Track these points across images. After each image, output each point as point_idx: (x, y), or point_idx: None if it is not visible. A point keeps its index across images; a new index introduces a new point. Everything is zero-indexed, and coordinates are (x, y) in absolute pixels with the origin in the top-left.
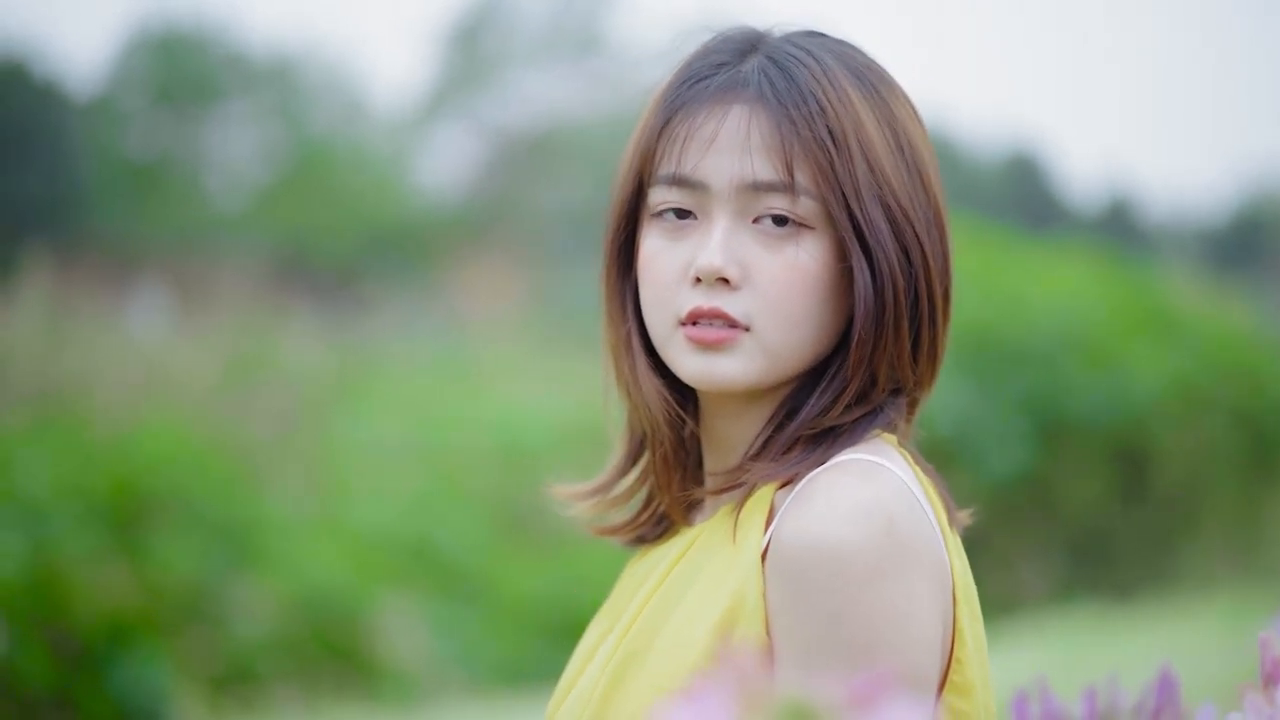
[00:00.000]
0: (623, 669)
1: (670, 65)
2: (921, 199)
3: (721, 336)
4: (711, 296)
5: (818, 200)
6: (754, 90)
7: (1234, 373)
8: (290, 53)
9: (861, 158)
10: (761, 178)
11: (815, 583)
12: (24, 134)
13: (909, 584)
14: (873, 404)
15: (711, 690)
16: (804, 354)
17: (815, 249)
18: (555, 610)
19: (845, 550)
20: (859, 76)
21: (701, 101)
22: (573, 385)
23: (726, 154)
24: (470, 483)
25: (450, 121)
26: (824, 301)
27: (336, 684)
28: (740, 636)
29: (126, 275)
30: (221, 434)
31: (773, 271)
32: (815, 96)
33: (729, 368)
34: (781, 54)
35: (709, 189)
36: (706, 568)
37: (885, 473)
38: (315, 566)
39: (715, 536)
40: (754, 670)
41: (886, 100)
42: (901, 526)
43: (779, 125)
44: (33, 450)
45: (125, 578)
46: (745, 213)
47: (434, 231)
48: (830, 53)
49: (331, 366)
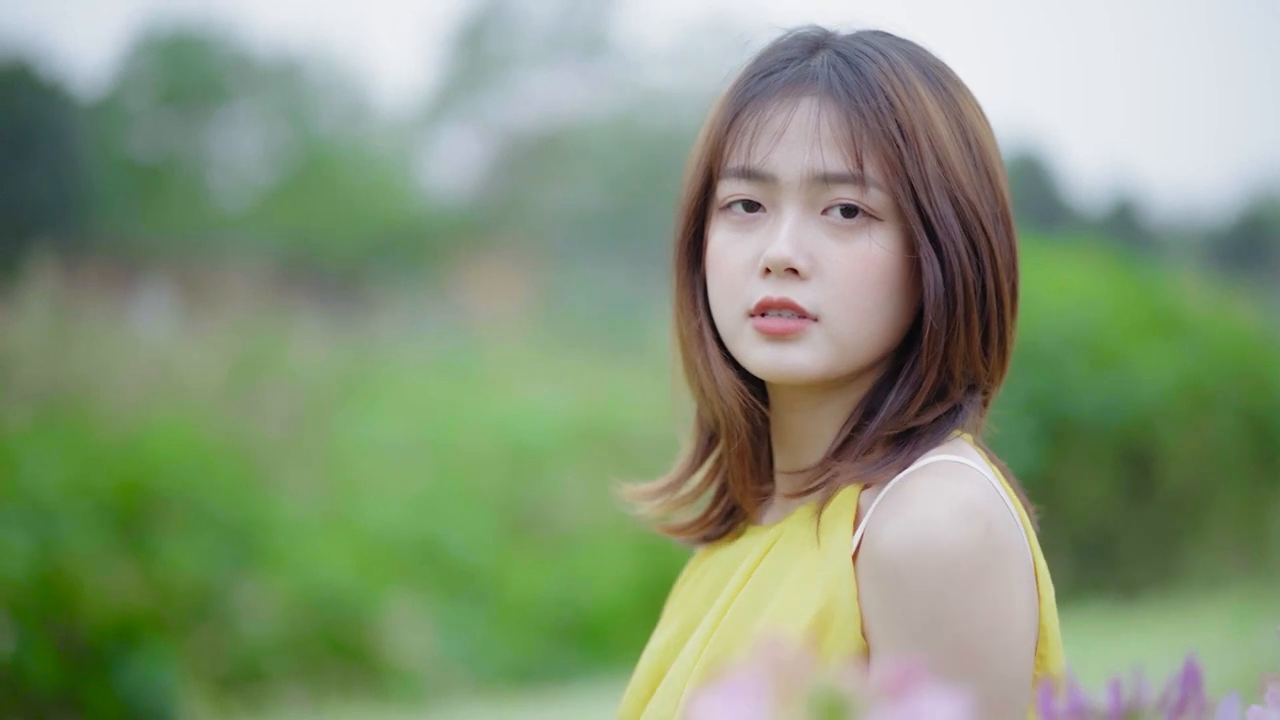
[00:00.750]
0: (710, 671)
1: (740, 62)
2: (989, 194)
3: (790, 327)
4: (780, 287)
5: (886, 192)
6: (823, 83)
7: (1240, 373)
8: (295, 53)
9: (930, 152)
10: (831, 169)
11: (918, 586)
12: (29, 135)
13: (1008, 584)
14: (951, 401)
15: (747, 681)
16: (873, 345)
17: (884, 240)
18: (561, 610)
19: (951, 553)
20: (927, 74)
21: (770, 95)
22: (578, 386)
23: (796, 146)
24: (476, 483)
25: (455, 122)
26: (893, 293)
27: (343, 684)
28: (835, 640)
29: (132, 276)
30: (227, 434)
31: (842, 262)
32: (884, 91)
33: (798, 358)
34: (850, 50)
35: (778, 181)
36: (791, 570)
37: (974, 473)
38: (322, 566)
39: (797, 538)
40: (789, 661)
41: (954, 98)
42: (997, 527)
43: (848, 117)
44: (40, 450)
45: (132, 577)
46: (814, 204)
47: (439, 232)
48: (899, 50)
49: (337, 367)
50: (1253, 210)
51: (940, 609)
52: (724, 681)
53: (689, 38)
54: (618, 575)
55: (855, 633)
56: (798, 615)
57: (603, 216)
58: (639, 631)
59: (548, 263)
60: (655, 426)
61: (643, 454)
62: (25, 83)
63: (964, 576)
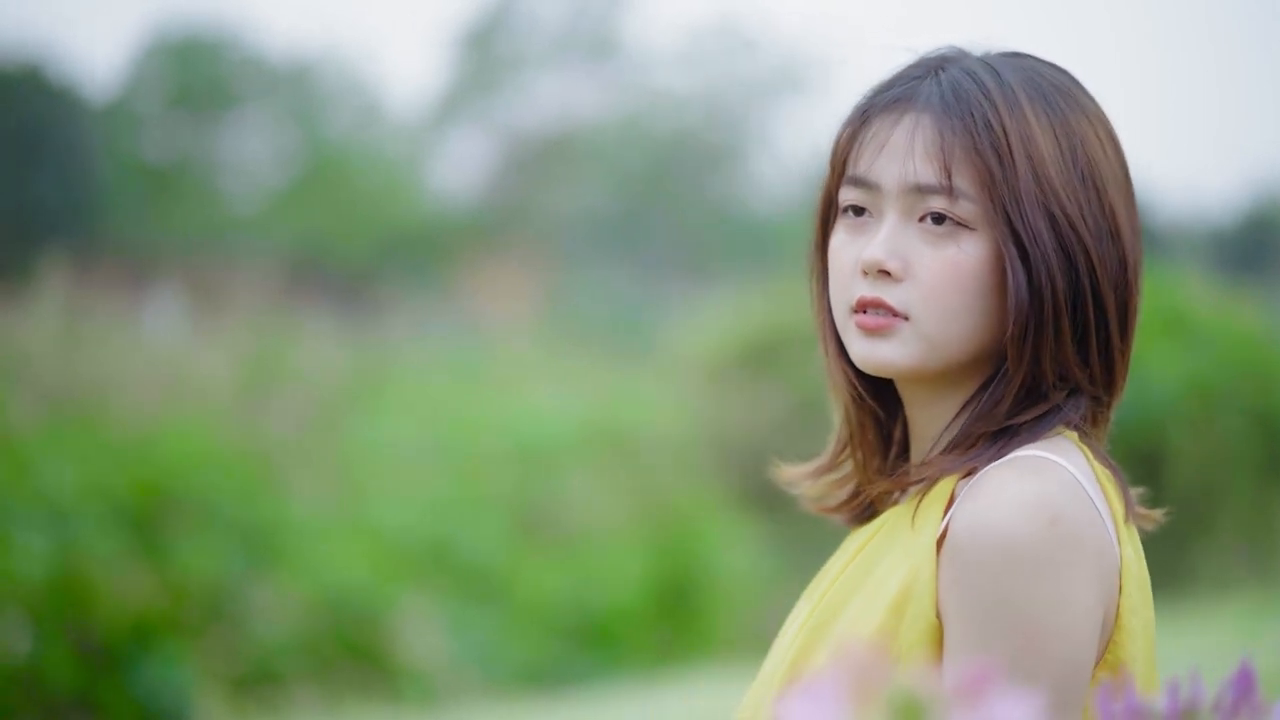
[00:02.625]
0: (811, 639)
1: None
2: (1095, 210)
3: (882, 324)
4: (875, 287)
5: (976, 203)
6: (923, 101)
7: (1248, 374)
8: (305, 57)
9: (1028, 167)
10: (923, 180)
11: (982, 571)
12: (41, 138)
13: (1070, 575)
14: (1050, 403)
15: (827, 683)
16: (964, 344)
17: (973, 248)
18: (572, 612)
19: (1009, 542)
20: (1042, 93)
21: (881, 110)
22: (586, 387)
23: (895, 158)
24: (487, 484)
25: (465, 125)
26: (982, 296)
27: (357, 684)
28: (912, 616)
29: (142, 278)
30: (239, 436)
31: (931, 266)
32: (981, 108)
33: (887, 352)
34: (962, 70)
35: (880, 189)
36: (890, 551)
37: (1054, 468)
38: (335, 568)
39: (900, 521)
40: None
41: (1067, 117)
42: (1066, 520)
43: (941, 133)
44: (54, 452)
45: (147, 579)
46: (911, 212)
47: (448, 234)
48: (1017, 71)
49: (347, 369)
50: (1258, 211)
51: (1000, 595)
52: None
53: (696, 40)
54: (629, 577)
55: (930, 611)
56: (885, 592)
57: (610, 218)
58: (650, 632)
59: (556, 264)
60: (664, 427)
61: (652, 455)
62: (36, 86)
63: (1024, 565)
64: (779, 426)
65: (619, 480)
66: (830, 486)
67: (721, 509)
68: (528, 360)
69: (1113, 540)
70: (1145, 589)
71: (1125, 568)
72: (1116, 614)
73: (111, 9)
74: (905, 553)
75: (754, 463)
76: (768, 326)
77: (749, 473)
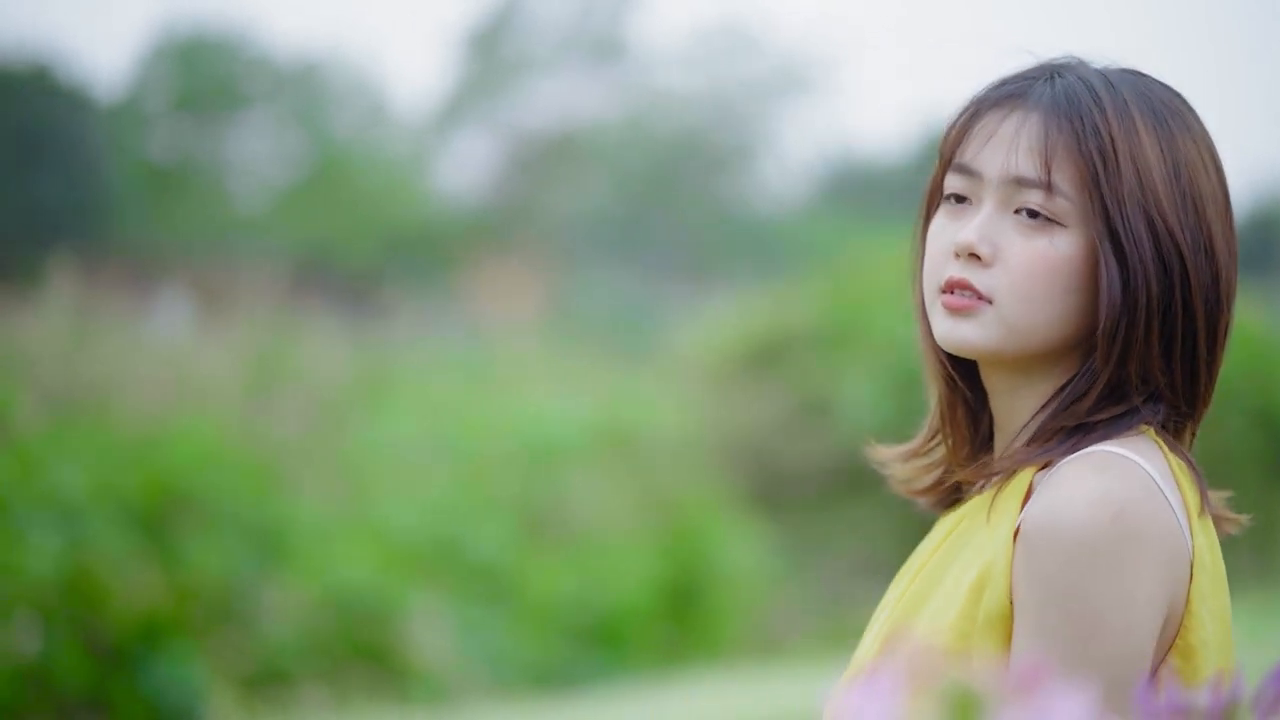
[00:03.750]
0: (902, 619)
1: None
2: (1192, 225)
3: (966, 304)
4: (964, 269)
5: (1074, 202)
6: (1034, 99)
7: (1250, 374)
8: (311, 58)
9: (1133, 173)
10: (1023, 173)
11: (1048, 562)
12: (47, 138)
13: (1132, 569)
14: (1129, 404)
15: (886, 678)
16: (1044, 334)
17: (1065, 244)
18: (580, 612)
19: (1074, 535)
20: (1153, 109)
21: (993, 104)
22: (590, 388)
23: (999, 150)
24: (493, 485)
25: (469, 125)
26: (1067, 291)
27: (365, 683)
28: (987, 601)
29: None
30: (246, 436)
31: (1020, 254)
32: (1091, 113)
33: (968, 332)
34: (1076, 76)
35: (982, 178)
36: (972, 540)
37: (1127, 464)
38: (343, 567)
39: (980, 511)
40: (926, 657)
41: (1174, 134)
42: (1130, 515)
43: (1046, 131)
44: (62, 452)
45: (157, 578)
46: (1009, 203)
47: (453, 235)
48: (1131, 86)
49: (352, 369)
50: (1259, 211)
51: (1063, 585)
52: (865, 678)
53: (700, 41)
54: (635, 576)
55: (1004, 596)
56: (966, 577)
57: (614, 219)
58: (656, 631)
59: (560, 265)
60: (669, 428)
61: (657, 455)
62: (43, 86)
63: (1086, 558)
64: (783, 427)
65: (624, 481)
66: (919, 470)
67: (726, 509)
68: (532, 361)
69: (1184, 532)
70: (1219, 579)
71: (1197, 558)
72: (1186, 601)
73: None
74: (984, 542)
75: (758, 463)
76: (771, 327)
77: (753, 473)
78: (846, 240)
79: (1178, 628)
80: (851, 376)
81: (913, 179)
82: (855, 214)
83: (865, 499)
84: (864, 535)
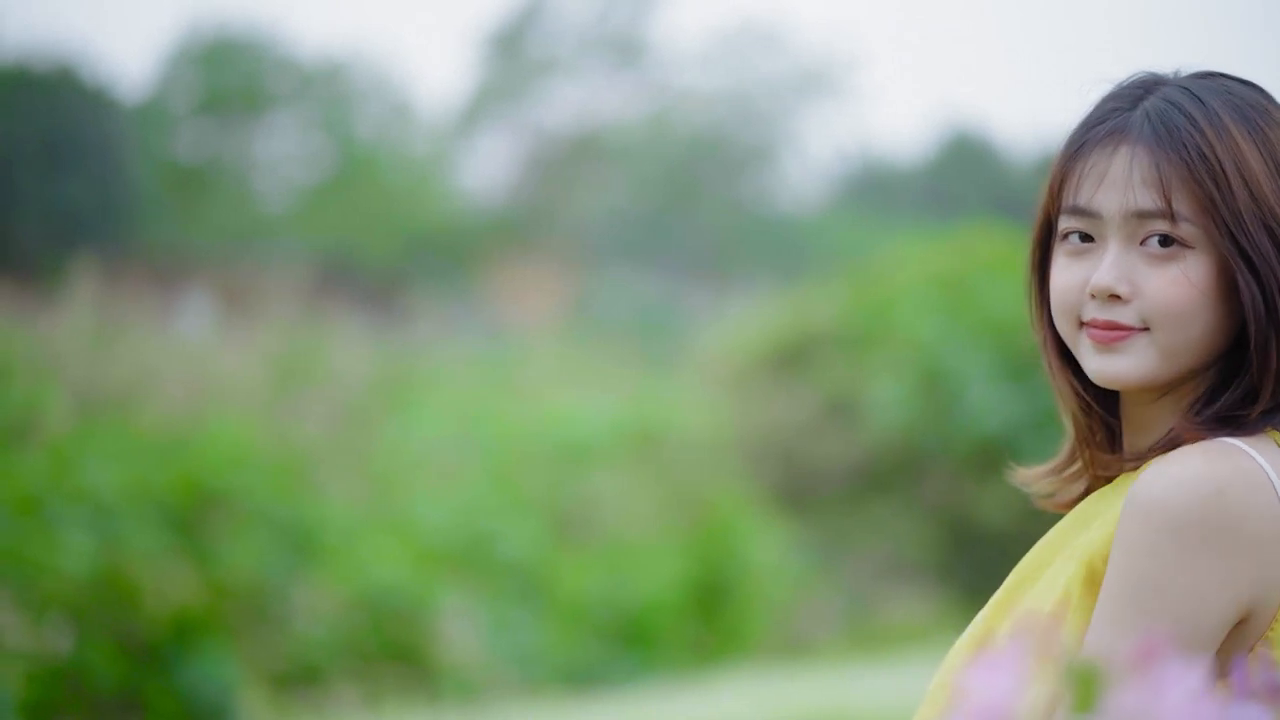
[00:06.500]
0: (1013, 588)
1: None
2: None
3: (1118, 336)
4: (1105, 310)
5: (1197, 225)
6: (1135, 133)
7: None
8: (336, 59)
9: (1244, 187)
10: (1144, 206)
11: (1134, 528)
12: (73, 139)
13: (1210, 552)
14: (1259, 408)
15: (1008, 653)
16: (1195, 352)
17: (1196, 266)
18: (608, 611)
19: (1163, 508)
20: (1243, 114)
21: (1095, 144)
22: (615, 388)
23: (1115, 188)
24: (522, 485)
25: (492, 126)
26: (1207, 309)
27: (396, 682)
28: (1100, 566)
29: (174, 280)
30: (273, 436)
31: (1159, 283)
32: (1192, 136)
33: (1124, 365)
34: (1167, 99)
35: (1102, 217)
36: (1096, 518)
37: (1238, 454)
38: (374, 567)
39: (1103, 498)
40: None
41: (1266, 133)
42: (1228, 501)
43: (1157, 164)
44: (93, 452)
45: (190, 577)
46: (1134, 237)
47: (476, 235)
48: (1216, 93)
49: (377, 370)
50: None
51: (1142, 550)
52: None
53: (722, 41)
54: (663, 576)
55: (1105, 563)
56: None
57: (637, 219)
58: (685, 630)
59: (582, 265)
60: (694, 429)
61: (683, 456)
62: (69, 87)
63: (1169, 530)
64: (808, 427)
65: (651, 481)
66: (1062, 484)
67: (753, 509)
68: (555, 361)
69: None
70: None
71: None
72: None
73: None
74: (1104, 517)
75: (784, 463)
76: (795, 328)
77: (779, 473)
78: (867, 240)
79: (1270, 619)
80: (876, 377)
81: (932, 180)
82: (875, 214)
83: (891, 498)
84: (890, 534)
